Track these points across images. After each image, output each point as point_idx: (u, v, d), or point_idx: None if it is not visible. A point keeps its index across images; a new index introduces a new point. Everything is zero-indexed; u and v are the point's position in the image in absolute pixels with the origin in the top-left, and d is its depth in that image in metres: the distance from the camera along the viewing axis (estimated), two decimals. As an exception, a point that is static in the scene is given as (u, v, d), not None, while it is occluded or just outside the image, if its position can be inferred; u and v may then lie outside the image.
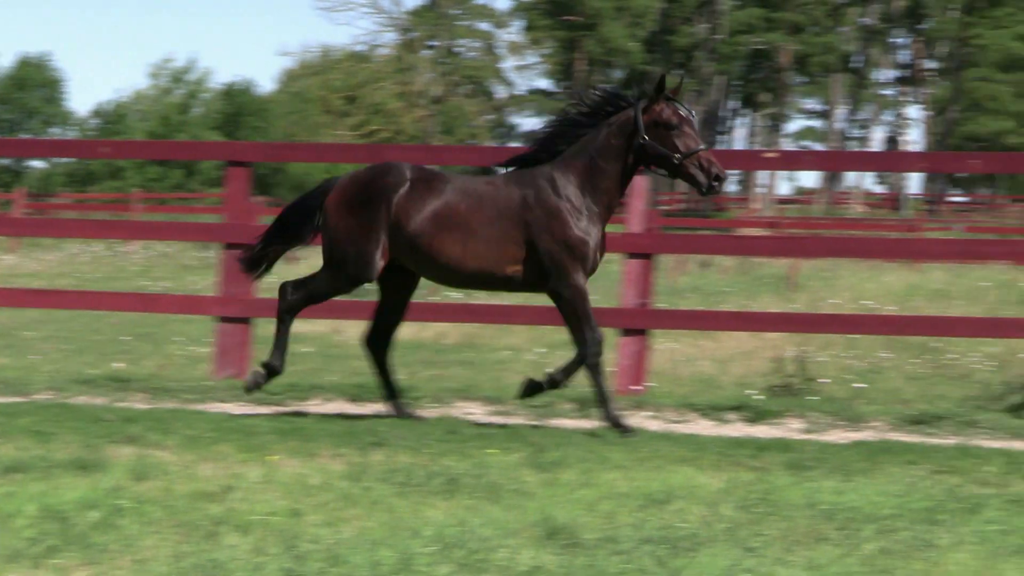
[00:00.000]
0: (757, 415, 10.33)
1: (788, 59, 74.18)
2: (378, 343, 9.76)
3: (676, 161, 9.15)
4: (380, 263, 9.34)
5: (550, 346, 14.21)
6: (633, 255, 11.43)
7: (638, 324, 11.42)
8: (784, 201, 75.90)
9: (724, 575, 5.62)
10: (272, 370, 9.59)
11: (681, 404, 10.66)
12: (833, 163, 40.02)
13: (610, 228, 9.49)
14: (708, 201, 59.01)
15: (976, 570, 5.77)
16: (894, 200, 69.85)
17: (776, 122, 79.49)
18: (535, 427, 9.49)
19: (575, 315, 9.27)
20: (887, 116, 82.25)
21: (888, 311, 13.14)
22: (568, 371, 9.37)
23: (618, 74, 78.84)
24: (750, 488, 7.18)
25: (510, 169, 9.50)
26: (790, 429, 9.89)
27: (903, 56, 77.46)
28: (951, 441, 9.32)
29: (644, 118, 9.21)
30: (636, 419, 10.07)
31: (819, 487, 7.23)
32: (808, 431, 9.71)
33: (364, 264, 9.32)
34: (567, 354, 13.70)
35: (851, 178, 77.19)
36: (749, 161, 28.74)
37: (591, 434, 9.02)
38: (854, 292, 16.42)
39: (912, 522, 6.51)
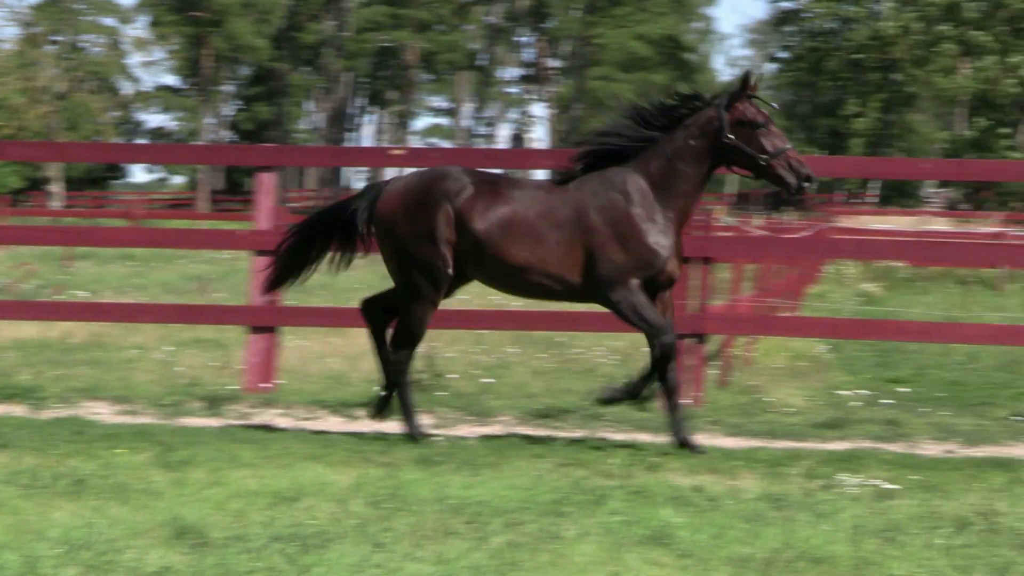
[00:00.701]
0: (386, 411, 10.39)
1: (415, 57, 74.90)
2: (381, 315, 9.40)
3: (763, 161, 8.82)
4: (451, 262, 8.97)
5: (179, 344, 13.98)
6: (261, 252, 11.34)
7: (267, 322, 11.35)
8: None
9: (353, 571, 5.66)
10: (413, 438, 9.06)
11: (311, 401, 10.66)
12: (460, 160, 40.38)
13: (239, 225, 9.37)
14: (336, 198, 58.90)
15: (601, 560, 5.94)
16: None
17: (403, 119, 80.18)
18: (164, 426, 9.34)
19: (629, 320, 8.84)
20: (513, 114, 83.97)
21: (514, 306, 13.38)
22: (663, 383, 8.89)
23: (245, 70, 78.15)
24: (380, 484, 7.24)
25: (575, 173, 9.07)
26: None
27: (528, 54, 79.13)
28: (577, 434, 9.57)
29: (727, 117, 8.84)
30: (266, 417, 10.04)
31: (448, 482, 7.34)
32: (437, 426, 9.82)
33: (439, 266, 8.94)
34: (198, 352, 13.64)
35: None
36: (376, 158, 28.69)
37: (221, 432, 8.93)
38: (481, 287, 16.62)
39: (539, 515, 6.66)
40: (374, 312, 9.45)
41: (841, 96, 67.70)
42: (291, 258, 9.56)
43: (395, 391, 9.23)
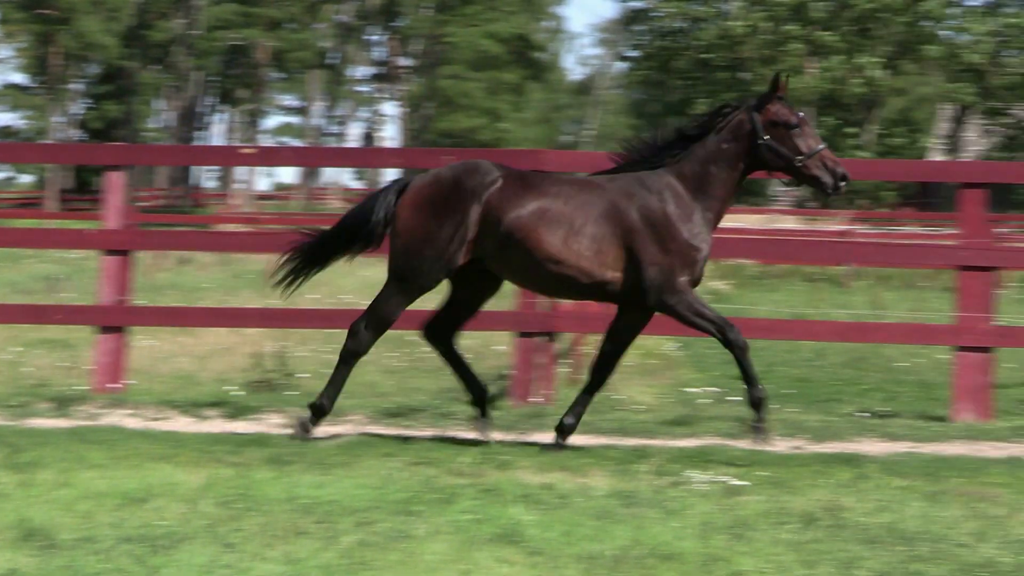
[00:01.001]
0: (237, 411, 10.36)
1: (265, 55, 74.26)
2: (445, 335, 9.21)
3: (799, 163, 8.74)
4: (458, 263, 8.78)
5: (27, 344, 13.77)
6: (111, 252, 11.23)
7: (116, 321, 11.24)
8: (263, 197, 75.97)
9: (202, 571, 5.63)
10: (320, 410, 9.04)
11: (160, 401, 10.57)
12: (311, 159, 40.27)
13: (88, 225, 9.24)
14: (187, 197, 58.31)
15: (451, 559, 5.95)
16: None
17: (254, 118, 79.44)
18: (11, 427, 9.19)
19: (690, 322, 8.71)
20: (363, 113, 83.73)
21: (363, 305, 13.36)
22: (748, 380, 8.73)
23: (94, 68, 76.97)
24: (230, 484, 7.19)
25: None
26: (270, 424, 9.94)
27: (378, 53, 78.93)
28: (427, 433, 9.59)
29: (760, 118, 8.77)
30: (115, 417, 9.93)
31: (298, 482, 7.31)
32: (288, 426, 9.79)
33: (441, 267, 8.77)
34: (46, 353, 13.44)
35: (329, 174, 78.20)
36: (227, 157, 28.78)
37: (70, 433, 8.82)
38: (332, 287, 16.58)
39: (390, 514, 6.66)
40: (437, 335, 9.25)
41: (691, 95, 68.34)
42: (311, 257, 9.27)
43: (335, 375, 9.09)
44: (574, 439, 9.11)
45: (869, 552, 6.23)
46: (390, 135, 78.71)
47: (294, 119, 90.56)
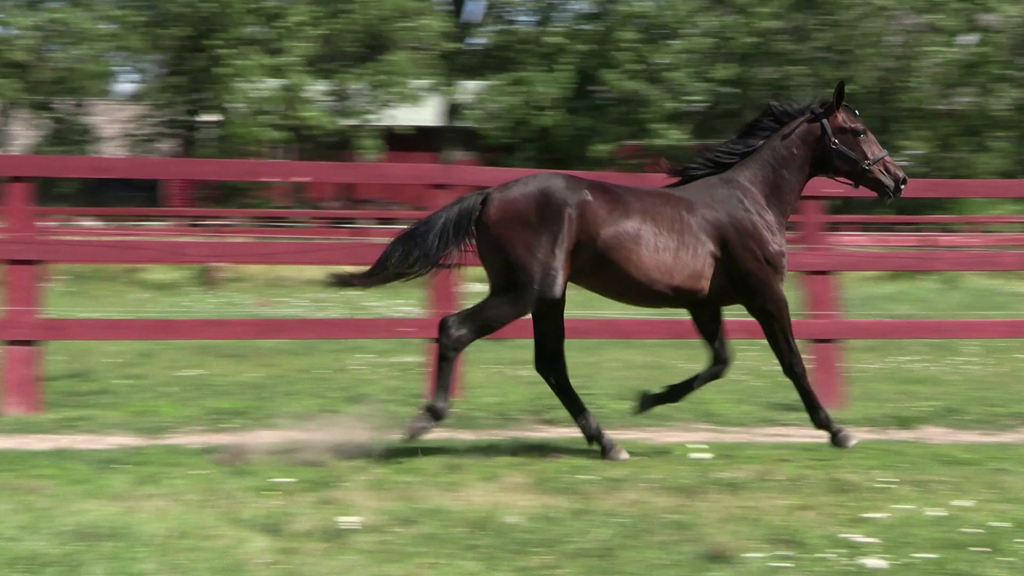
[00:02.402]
0: None
1: None
2: (553, 365, 9.03)
3: (866, 167, 9.16)
4: (564, 279, 8.61)
5: None
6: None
7: None
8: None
9: None
10: (437, 413, 8.51)
11: None
12: None
13: None
14: None
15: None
16: None
17: None
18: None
19: (782, 329, 9.03)
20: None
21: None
22: (703, 380, 9.25)
23: None
24: None
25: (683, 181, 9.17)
26: None
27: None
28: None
29: (830, 125, 9.17)
30: None
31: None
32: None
33: (551, 280, 8.53)
34: None
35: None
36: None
37: None
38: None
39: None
40: (547, 368, 9.07)
41: None
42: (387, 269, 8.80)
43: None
44: None
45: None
46: None
47: None
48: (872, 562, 6.09)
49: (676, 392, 9.35)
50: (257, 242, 28.71)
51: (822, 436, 9.31)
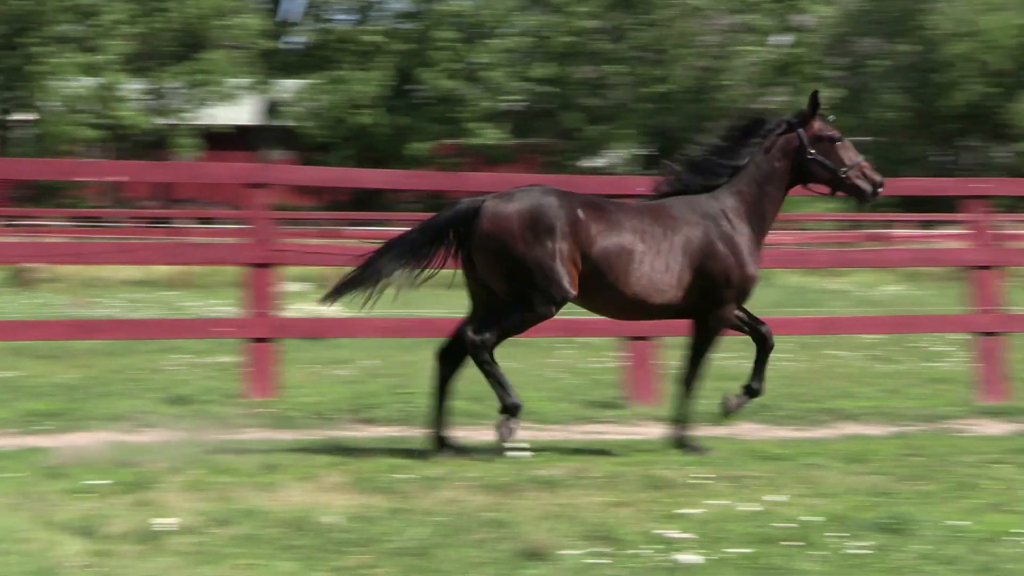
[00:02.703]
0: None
1: None
2: (455, 360, 8.87)
3: (843, 174, 9.14)
4: (572, 278, 8.63)
5: None
6: None
7: None
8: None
9: None
10: (511, 411, 8.76)
11: None
12: None
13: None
14: None
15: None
16: None
17: None
18: None
19: (709, 341, 9.16)
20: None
21: None
22: (757, 377, 9.40)
23: None
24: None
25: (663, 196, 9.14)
26: None
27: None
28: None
29: (806, 134, 9.13)
30: None
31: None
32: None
33: (565, 284, 8.59)
34: None
35: None
36: None
37: None
38: None
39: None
40: (447, 358, 8.93)
41: None
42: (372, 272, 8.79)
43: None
44: None
45: None
46: None
47: None
48: (687, 557, 6.17)
49: (756, 382, 9.44)
50: (73, 242, 28.20)
51: (639, 433, 9.42)
